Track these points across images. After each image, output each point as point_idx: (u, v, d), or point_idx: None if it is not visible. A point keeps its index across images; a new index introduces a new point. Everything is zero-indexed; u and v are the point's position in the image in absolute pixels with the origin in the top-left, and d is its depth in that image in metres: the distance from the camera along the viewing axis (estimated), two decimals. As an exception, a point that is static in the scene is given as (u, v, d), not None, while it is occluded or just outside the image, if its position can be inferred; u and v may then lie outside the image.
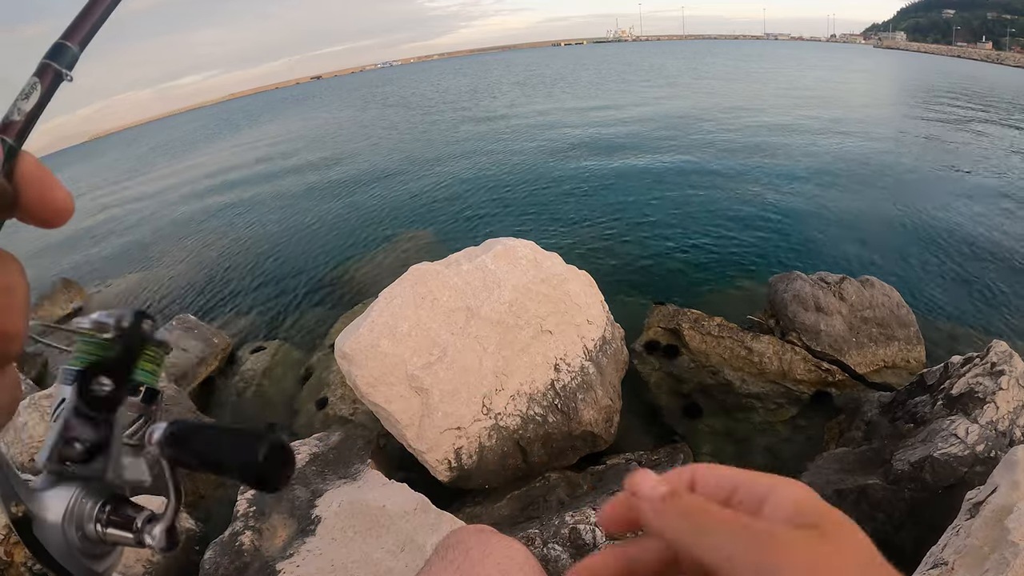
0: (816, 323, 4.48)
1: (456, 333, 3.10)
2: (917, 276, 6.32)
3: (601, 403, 3.58)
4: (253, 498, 2.99)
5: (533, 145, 14.75)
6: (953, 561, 1.69)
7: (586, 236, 7.89)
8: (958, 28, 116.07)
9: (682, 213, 8.48)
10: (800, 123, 15.97)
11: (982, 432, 2.68)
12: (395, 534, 2.58)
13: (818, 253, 6.94)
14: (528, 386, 3.35)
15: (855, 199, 8.99)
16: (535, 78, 41.61)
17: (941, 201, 8.78)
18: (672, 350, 4.59)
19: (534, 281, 3.36)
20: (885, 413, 3.55)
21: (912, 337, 4.56)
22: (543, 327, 3.38)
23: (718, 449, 3.89)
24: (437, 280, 3.13)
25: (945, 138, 14.03)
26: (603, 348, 3.77)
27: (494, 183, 11.28)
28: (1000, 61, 62.70)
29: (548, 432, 3.39)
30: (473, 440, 3.20)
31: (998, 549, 1.60)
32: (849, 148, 12.72)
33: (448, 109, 25.62)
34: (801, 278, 4.77)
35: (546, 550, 2.38)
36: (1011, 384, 2.83)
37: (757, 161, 11.54)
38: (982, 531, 1.74)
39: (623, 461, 3.47)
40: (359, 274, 7.45)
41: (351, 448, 3.41)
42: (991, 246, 7.06)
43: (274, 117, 40.06)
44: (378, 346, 2.90)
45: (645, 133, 15.28)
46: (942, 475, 2.59)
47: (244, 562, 2.61)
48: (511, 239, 3.53)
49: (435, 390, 3.00)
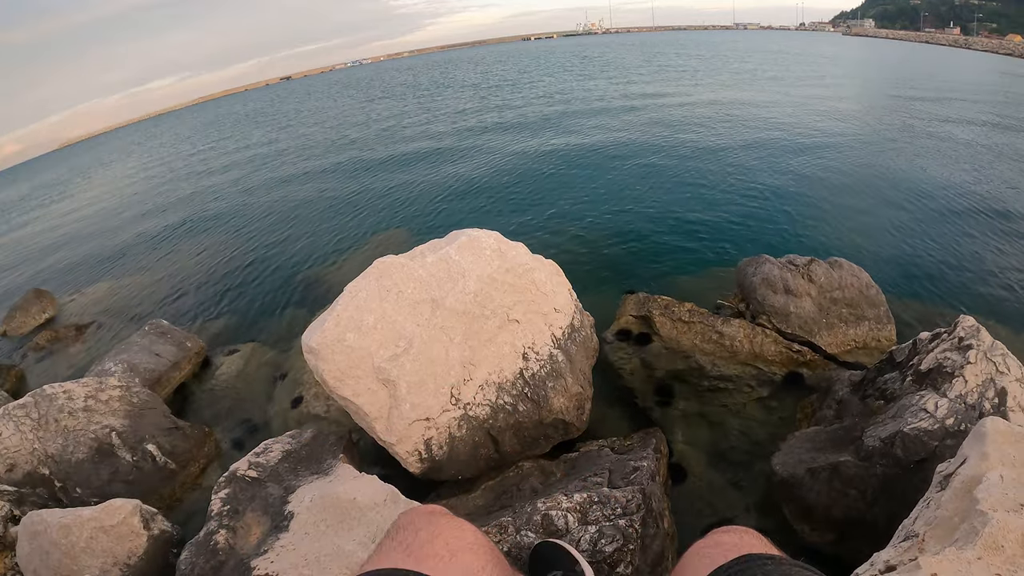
0: (786, 305, 4.52)
1: (422, 325, 3.10)
2: (887, 256, 6.38)
3: (572, 391, 3.59)
4: (226, 497, 2.98)
5: (497, 140, 14.77)
6: (924, 533, 1.70)
7: (554, 226, 7.93)
8: (926, 14, 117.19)
9: (649, 201, 8.53)
10: (765, 107, 16.10)
11: (951, 406, 2.70)
12: (366, 525, 2.59)
13: (786, 236, 7.01)
14: (496, 375, 3.36)
15: (822, 181, 9.09)
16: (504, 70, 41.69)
17: (908, 183, 8.89)
18: (644, 337, 4.61)
19: (499, 271, 3.36)
20: (856, 391, 3.58)
21: (882, 316, 4.60)
22: (510, 316, 3.39)
23: (692, 433, 3.91)
24: (402, 272, 3.13)
25: (912, 121, 14.20)
26: (572, 336, 3.78)
27: (462, 178, 11.31)
28: (968, 46, 63.38)
29: (519, 421, 3.40)
30: (443, 431, 3.20)
31: (968, 519, 1.62)
32: (815, 131, 12.84)
33: (416, 109, 25.50)
34: (770, 261, 4.81)
35: (519, 537, 2.39)
36: (979, 358, 2.86)
37: (722, 146, 11.64)
38: (952, 502, 1.76)
39: (596, 448, 3.48)
40: (331, 274, 7.44)
41: (323, 444, 3.41)
42: (959, 225, 7.17)
43: (241, 121, 39.68)
44: (344, 340, 2.89)
45: (608, 122, 15.35)
46: (913, 449, 2.61)
47: (219, 561, 2.61)
48: (475, 230, 3.52)
49: (402, 382, 3.00)
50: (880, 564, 1.66)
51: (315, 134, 22.82)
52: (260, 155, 19.73)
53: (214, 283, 8.13)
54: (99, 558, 2.98)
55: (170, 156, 27.89)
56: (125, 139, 58.35)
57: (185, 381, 5.56)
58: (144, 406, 4.48)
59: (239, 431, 4.74)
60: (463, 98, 27.09)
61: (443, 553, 1.09)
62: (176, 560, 2.74)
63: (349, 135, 20.39)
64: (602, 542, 2.34)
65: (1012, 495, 1.61)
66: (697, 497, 3.43)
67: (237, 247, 9.54)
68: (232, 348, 5.96)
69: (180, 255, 9.88)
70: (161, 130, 55.82)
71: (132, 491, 3.81)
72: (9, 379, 6.28)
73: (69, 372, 6.29)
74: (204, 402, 5.26)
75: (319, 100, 43.92)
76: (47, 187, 29.28)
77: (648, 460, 2.99)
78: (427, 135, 17.28)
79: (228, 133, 32.19)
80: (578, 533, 2.38)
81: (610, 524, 2.42)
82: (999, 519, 1.51)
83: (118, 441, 4.09)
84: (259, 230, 10.30)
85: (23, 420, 3.98)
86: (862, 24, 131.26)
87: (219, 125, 40.93)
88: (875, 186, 8.79)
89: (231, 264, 8.74)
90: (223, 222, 11.48)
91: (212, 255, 9.43)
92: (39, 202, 23.46)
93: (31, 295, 8.36)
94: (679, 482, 3.52)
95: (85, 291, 9.08)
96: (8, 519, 3.36)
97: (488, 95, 26.72)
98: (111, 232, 13.00)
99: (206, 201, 13.85)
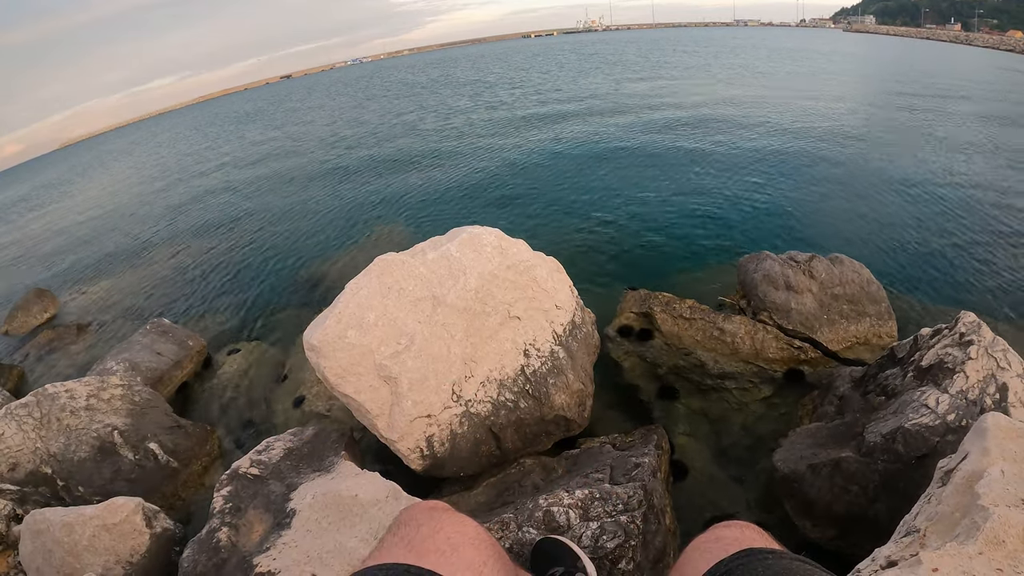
0: (787, 302, 4.52)
1: (423, 321, 3.10)
2: (888, 252, 6.39)
3: (573, 387, 3.59)
4: (228, 495, 2.99)
5: (498, 137, 14.77)
6: (925, 528, 1.70)
7: (554, 223, 7.95)
8: (926, 10, 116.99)
9: (650, 197, 8.53)
10: (767, 104, 16.09)
11: (952, 402, 2.69)
12: (367, 522, 2.59)
13: (787, 232, 7.01)
14: (498, 372, 3.36)
15: (823, 178, 9.09)
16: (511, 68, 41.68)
17: (909, 178, 8.88)
18: (645, 334, 4.62)
19: (500, 268, 3.36)
20: (857, 387, 3.58)
21: (883, 312, 4.60)
22: (511, 313, 3.39)
23: (693, 430, 3.92)
24: (403, 270, 3.13)
25: (911, 117, 14.18)
26: (573, 332, 3.79)
27: (461, 175, 11.34)
28: (969, 42, 63.25)
29: (520, 417, 3.40)
30: (444, 427, 3.20)
31: (969, 514, 1.62)
32: (816, 128, 12.83)
33: (413, 107, 25.47)
34: (771, 258, 4.81)
35: (521, 533, 2.39)
36: (980, 353, 2.85)
37: (723, 142, 11.63)
38: (953, 497, 1.75)
39: (597, 444, 3.48)
40: (333, 271, 7.44)
41: (325, 441, 3.41)
42: (960, 220, 7.17)
43: (241, 120, 39.67)
44: (345, 337, 2.90)
45: (608, 119, 15.34)
46: (914, 445, 2.60)
47: (222, 558, 2.61)
48: (476, 227, 3.53)
49: (403, 379, 3.00)
50: (881, 559, 1.66)
51: (314, 132, 22.82)
52: (260, 153, 19.74)
53: (215, 281, 8.14)
54: (102, 556, 2.98)
55: (170, 155, 27.93)
56: (126, 138, 58.42)
57: (187, 380, 5.57)
58: (146, 405, 4.48)
59: (241, 429, 4.75)
60: (461, 95, 27.10)
61: (445, 548, 1.09)
62: (179, 558, 2.75)
63: (348, 133, 20.40)
64: (604, 538, 2.34)
65: (1013, 490, 1.61)
66: (699, 493, 3.43)
67: (238, 245, 9.56)
68: (233, 346, 5.98)
69: (181, 253, 9.89)
70: (162, 129, 55.93)
71: (134, 489, 3.82)
72: (11, 378, 6.30)
73: (71, 371, 6.31)
74: (206, 400, 5.27)
75: (319, 98, 43.91)
76: (48, 187, 29.32)
77: (649, 456, 2.99)
78: (425, 133, 17.28)
79: (228, 132, 32.19)
80: (580, 529, 2.38)
81: (612, 520, 2.42)
82: (1000, 514, 1.51)
83: (120, 440, 4.10)
84: (260, 228, 10.31)
85: (25, 419, 3.99)
86: (862, 20, 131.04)
87: (219, 124, 40.93)
88: (876, 182, 8.79)
89: (232, 262, 8.76)
90: (223, 220, 11.50)
91: (213, 253, 9.45)
92: (40, 202, 23.49)
93: (32, 294, 8.37)
94: (680, 478, 3.53)
95: (86, 290, 9.11)
96: (11, 518, 3.37)
97: (486, 92, 26.71)
98: (112, 231, 13.02)
99: (207, 200, 13.88)
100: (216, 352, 5.98)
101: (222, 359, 5.79)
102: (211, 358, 5.90)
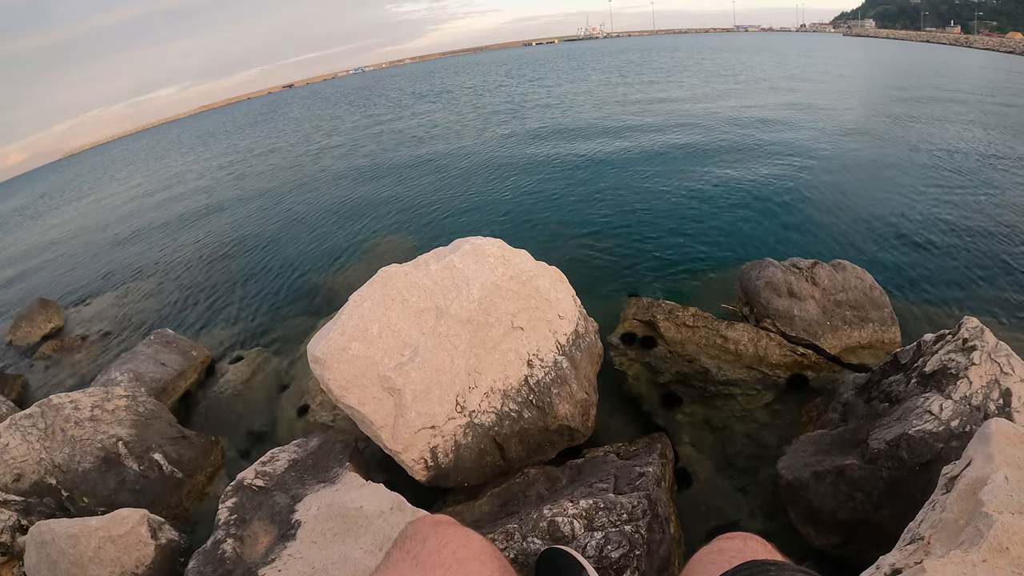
0: (790, 308, 4.52)
1: (426, 333, 3.11)
2: (890, 258, 6.39)
3: (576, 397, 3.59)
4: (233, 506, 2.99)
5: (499, 147, 14.79)
6: (929, 535, 1.69)
7: (556, 232, 7.97)
8: (926, 13, 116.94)
9: (652, 206, 8.56)
10: (768, 111, 16.09)
11: (956, 407, 2.69)
12: (372, 534, 2.60)
13: (789, 239, 7.01)
14: (501, 383, 3.37)
15: (825, 185, 9.08)
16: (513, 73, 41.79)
17: (911, 183, 8.88)
18: (648, 342, 4.61)
19: (503, 278, 3.37)
20: (860, 394, 3.57)
21: (886, 318, 4.59)
22: (514, 324, 3.40)
23: (697, 438, 3.91)
24: (406, 281, 3.14)
25: (912, 123, 14.16)
26: (576, 342, 3.79)
27: (464, 185, 11.38)
28: (969, 44, 63.21)
29: (524, 428, 3.40)
30: (448, 438, 3.21)
31: (973, 521, 1.61)
32: (816, 135, 12.83)
33: (416, 116, 25.52)
34: (773, 264, 4.81)
35: (525, 543, 2.39)
36: (983, 359, 2.84)
37: (725, 150, 11.64)
38: (957, 504, 1.74)
39: (602, 453, 3.48)
40: (336, 281, 7.46)
41: (329, 452, 3.42)
42: (963, 226, 7.15)
43: (243, 128, 39.77)
44: (349, 349, 2.91)
45: (609, 126, 15.39)
46: (918, 452, 2.60)
47: (227, 570, 2.61)
48: (479, 238, 3.54)
49: (407, 390, 3.01)
50: (886, 567, 1.66)
51: (316, 141, 22.88)
52: (262, 165, 19.79)
53: (219, 291, 8.17)
54: (107, 568, 2.99)
55: (173, 166, 28.00)
56: (130, 147, 58.59)
57: (191, 390, 5.58)
58: (150, 415, 4.49)
59: (245, 440, 4.75)
60: (463, 104, 27.16)
61: (450, 562, 1.09)
62: (184, 569, 2.75)
63: (350, 142, 20.46)
64: (608, 548, 2.33)
65: (1017, 497, 1.61)
66: (703, 501, 3.42)
67: (241, 256, 9.59)
68: (237, 355, 5.98)
69: (185, 264, 9.93)
70: (165, 139, 56.06)
71: (139, 500, 3.83)
72: (15, 389, 6.32)
73: (75, 382, 6.32)
74: (210, 411, 5.28)
75: (321, 108, 44.05)
76: (51, 197, 29.43)
77: (653, 465, 2.99)
78: (426, 142, 17.33)
79: (231, 142, 32.28)
80: (584, 539, 2.38)
81: (616, 530, 2.42)
82: (1004, 521, 1.51)
83: (125, 450, 4.10)
84: (263, 239, 10.35)
85: (30, 430, 4.00)
86: (862, 24, 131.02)
87: (222, 134, 41.09)
88: (878, 188, 8.79)
89: (235, 272, 8.78)
90: (227, 231, 11.54)
91: (217, 264, 9.48)
92: (43, 212, 23.56)
93: (37, 305, 8.39)
94: (685, 487, 3.52)
95: (90, 301, 9.14)
96: (16, 529, 3.37)
97: (488, 103, 26.73)
98: (116, 242, 13.07)
99: (210, 211, 13.91)
100: (220, 362, 5.99)
101: (226, 368, 5.80)
102: (215, 367, 5.92)
